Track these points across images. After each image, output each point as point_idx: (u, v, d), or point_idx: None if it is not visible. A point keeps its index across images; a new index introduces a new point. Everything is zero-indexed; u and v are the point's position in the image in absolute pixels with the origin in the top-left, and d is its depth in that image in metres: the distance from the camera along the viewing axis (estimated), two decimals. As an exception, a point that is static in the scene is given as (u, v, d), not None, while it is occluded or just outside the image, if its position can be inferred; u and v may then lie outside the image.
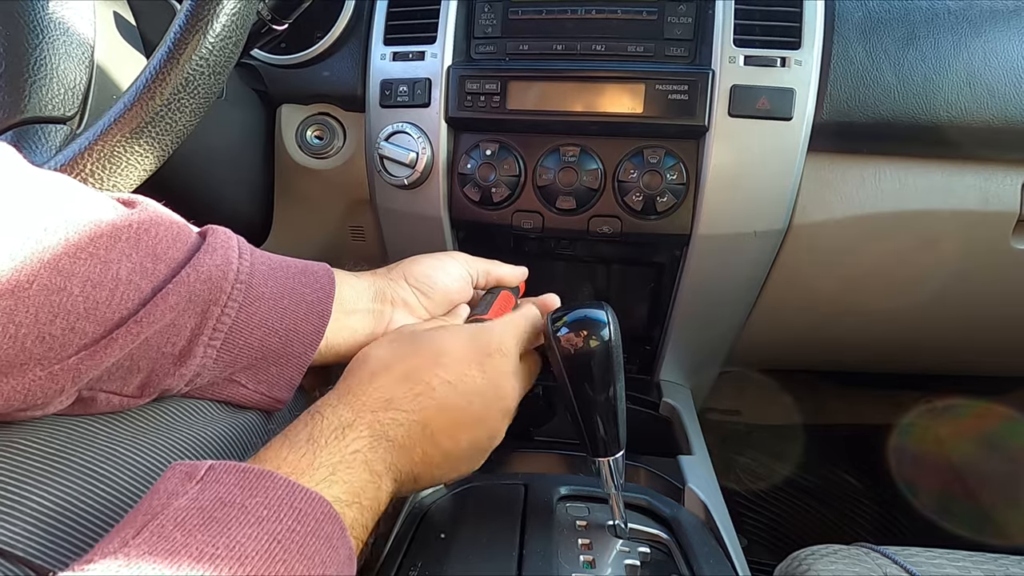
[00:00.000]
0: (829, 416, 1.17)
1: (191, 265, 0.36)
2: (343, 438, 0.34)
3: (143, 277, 0.34)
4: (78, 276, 0.31)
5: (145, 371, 0.36)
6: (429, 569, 0.40)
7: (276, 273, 0.41)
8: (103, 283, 0.32)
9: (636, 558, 0.43)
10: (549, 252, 0.74)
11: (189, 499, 0.27)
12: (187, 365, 0.37)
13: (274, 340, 0.40)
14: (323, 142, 0.72)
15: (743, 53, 0.59)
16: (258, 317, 0.39)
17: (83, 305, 0.32)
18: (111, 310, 0.33)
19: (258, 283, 0.39)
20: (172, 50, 0.40)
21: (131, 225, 0.35)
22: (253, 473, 0.29)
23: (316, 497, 0.29)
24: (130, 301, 0.34)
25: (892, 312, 0.74)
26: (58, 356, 0.32)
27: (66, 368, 0.32)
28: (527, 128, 0.65)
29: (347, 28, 0.68)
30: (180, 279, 0.35)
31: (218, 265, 0.37)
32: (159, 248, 0.35)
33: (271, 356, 0.41)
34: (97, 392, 0.35)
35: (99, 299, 0.32)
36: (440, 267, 0.51)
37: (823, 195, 0.63)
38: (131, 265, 0.34)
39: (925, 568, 0.50)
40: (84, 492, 0.32)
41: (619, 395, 0.41)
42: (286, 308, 0.41)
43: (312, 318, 0.42)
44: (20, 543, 0.29)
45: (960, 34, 0.59)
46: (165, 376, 0.37)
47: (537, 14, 0.65)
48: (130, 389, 0.36)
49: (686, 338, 0.74)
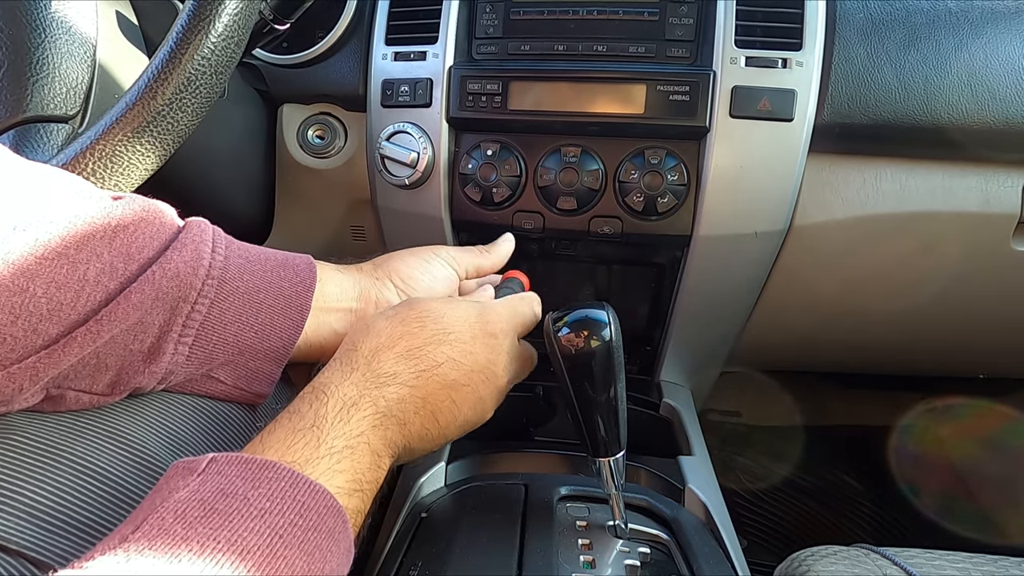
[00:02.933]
0: (829, 417, 1.17)
1: (159, 263, 0.35)
2: (348, 420, 0.33)
3: (111, 278, 0.33)
4: (42, 277, 0.31)
5: (114, 369, 0.35)
6: (429, 569, 0.40)
7: (253, 266, 0.40)
8: (68, 284, 0.32)
9: (636, 558, 0.43)
10: (550, 252, 0.74)
11: (190, 491, 0.27)
12: (158, 363, 0.36)
13: (250, 335, 0.40)
14: (324, 142, 0.72)
15: (744, 54, 0.59)
16: (232, 312, 0.39)
17: (46, 307, 0.31)
18: (74, 311, 0.32)
19: (232, 277, 0.39)
20: (174, 49, 0.40)
21: (109, 223, 0.34)
22: (256, 464, 0.29)
23: (320, 490, 0.29)
24: (94, 302, 0.33)
25: (892, 313, 0.74)
26: (18, 356, 0.31)
27: (23, 368, 0.31)
28: (528, 128, 0.65)
29: (349, 28, 0.68)
30: (146, 278, 0.34)
31: (187, 261, 0.36)
32: (134, 247, 0.35)
33: (248, 351, 0.40)
34: (65, 390, 0.35)
35: (63, 300, 0.32)
36: (426, 269, 0.50)
37: (824, 196, 0.63)
38: (100, 266, 0.33)
39: (925, 569, 0.50)
40: (79, 485, 0.32)
41: (620, 395, 0.41)
42: (262, 303, 0.40)
43: (291, 312, 0.41)
44: (16, 536, 0.29)
45: (961, 35, 0.59)
46: (135, 374, 0.36)
47: (539, 14, 0.65)
48: (100, 387, 0.36)
49: (687, 339, 0.74)
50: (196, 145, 0.51)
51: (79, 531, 0.31)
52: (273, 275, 0.41)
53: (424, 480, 0.53)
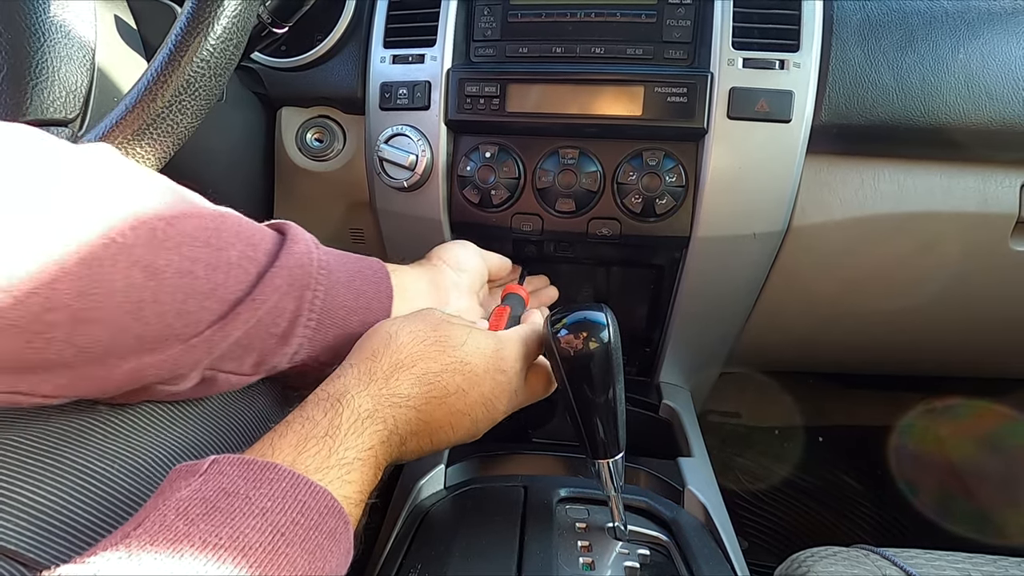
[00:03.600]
0: (829, 418, 1.17)
1: (285, 253, 0.40)
2: (361, 432, 0.34)
3: (248, 261, 0.38)
4: (200, 260, 0.35)
5: (257, 351, 0.40)
6: (429, 570, 0.40)
7: (341, 260, 0.46)
8: (219, 266, 0.36)
9: (636, 560, 0.43)
10: (548, 254, 0.74)
11: (192, 490, 0.27)
12: (289, 344, 0.41)
13: (353, 319, 0.45)
14: (323, 144, 0.72)
15: (742, 56, 0.59)
16: (339, 299, 0.44)
17: (207, 285, 0.36)
18: (228, 290, 0.37)
19: (333, 268, 0.44)
20: (173, 52, 0.41)
21: (226, 216, 0.39)
22: (257, 465, 0.29)
23: (320, 490, 0.29)
24: (242, 283, 0.38)
25: (891, 314, 0.74)
26: (193, 331, 0.35)
27: (201, 341, 0.36)
28: (526, 130, 0.65)
29: (347, 31, 0.69)
30: (280, 264, 0.39)
31: (304, 253, 0.41)
32: (253, 237, 0.40)
33: (353, 334, 0.44)
34: (217, 372, 0.39)
35: (217, 281, 0.36)
36: (464, 251, 0.58)
37: (822, 197, 0.63)
38: (237, 252, 0.38)
39: (925, 570, 0.50)
40: (78, 489, 0.32)
41: (619, 397, 0.41)
42: (359, 289, 0.45)
43: (380, 296, 0.47)
44: (14, 539, 0.29)
45: (958, 36, 0.59)
46: (272, 355, 0.41)
47: (536, 17, 0.65)
48: (245, 368, 0.40)
49: (686, 340, 0.74)
50: (195, 148, 0.51)
51: (78, 535, 0.31)
52: (356, 265, 0.47)
53: (424, 482, 0.53)
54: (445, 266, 0.55)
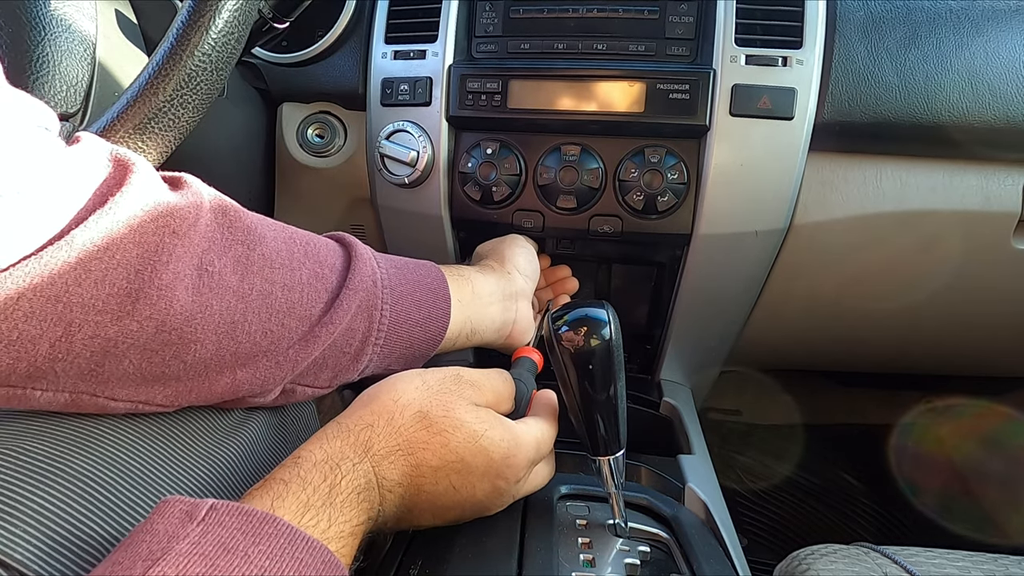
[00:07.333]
0: (829, 416, 1.17)
1: (353, 275, 0.43)
2: (357, 505, 0.34)
3: (319, 280, 0.41)
4: (278, 282, 0.39)
5: (331, 368, 0.43)
6: (429, 568, 0.40)
7: (401, 271, 0.48)
8: (294, 287, 0.40)
9: (636, 557, 0.43)
10: (550, 251, 0.74)
11: (190, 543, 0.27)
12: (361, 360, 0.45)
13: (417, 331, 0.47)
14: (324, 140, 0.72)
15: (744, 52, 0.59)
16: (403, 313, 0.46)
17: (285, 305, 0.39)
18: (304, 309, 0.40)
19: (394, 284, 0.46)
20: (174, 47, 0.40)
21: (292, 234, 0.42)
22: (257, 517, 0.29)
23: (318, 546, 0.30)
24: (316, 303, 0.41)
25: (893, 312, 0.74)
26: (279, 347, 0.39)
27: (288, 357, 0.40)
28: (528, 127, 0.65)
29: (348, 27, 0.68)
30: (351, 287, 0.42)
31: (369, 274, 0.44)
32: (320, 255, 0.42)
33: (416, 344, 0.48)
34: (296, 385, 0.43)
35: (294, 300, 0.40)
36: (529, 256, 0.61)
37: (824, 195, 0.63)
38: (308, 272, 0.41)
39: (925, 568, 0.50)
40: (83, 498, 0.32)
41: (619, 394, 0.41)
42: (419, 300, 0.48)
43: (439, 303, 0.49)
44: (16, 551, 0.28)
45: (962, 34, 0.59)
46: (346, 372, 0.45)
47: (538, 13, 0.65)
48: (321, 382, 0.44)
49: (687, 337, 0.74)
50: (196, 144, 0.51)
51: (80, 547, 0.31)
52: (413, 274, 0.49)
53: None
54: (517, 273, 0.58)
